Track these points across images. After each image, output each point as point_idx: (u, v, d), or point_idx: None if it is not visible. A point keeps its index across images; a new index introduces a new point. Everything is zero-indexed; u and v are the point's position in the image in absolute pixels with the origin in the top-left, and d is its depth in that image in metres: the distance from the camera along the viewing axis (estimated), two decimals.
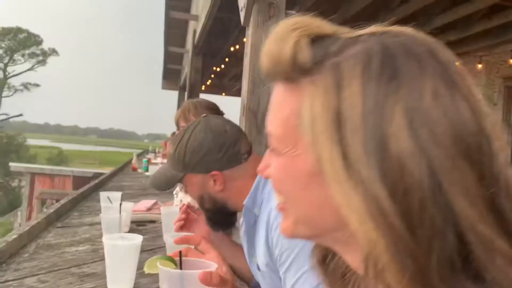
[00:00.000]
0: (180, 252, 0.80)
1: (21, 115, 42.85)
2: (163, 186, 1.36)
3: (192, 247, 0.98)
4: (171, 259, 0.80)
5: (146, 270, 0.83)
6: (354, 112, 0.41)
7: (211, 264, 0.81)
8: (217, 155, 1.24)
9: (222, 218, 1.32)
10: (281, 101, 0.50)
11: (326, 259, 0.56)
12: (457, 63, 0.45)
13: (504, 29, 5.69)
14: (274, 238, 1.08)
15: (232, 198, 1.26)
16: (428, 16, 5.61)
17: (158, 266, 0.78)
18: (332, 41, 0.47)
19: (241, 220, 1.33)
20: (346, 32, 0.49)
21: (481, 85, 7.05)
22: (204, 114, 1.35)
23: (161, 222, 1.76)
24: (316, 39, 0.48)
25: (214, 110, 2.08)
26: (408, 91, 0.41)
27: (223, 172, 1.23)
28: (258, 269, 1.19)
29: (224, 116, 2.13)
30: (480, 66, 6.91)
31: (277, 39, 0.48)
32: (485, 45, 6.50)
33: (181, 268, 0.79)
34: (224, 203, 1.26)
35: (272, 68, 0.50)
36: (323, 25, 0.51)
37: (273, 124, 0.51)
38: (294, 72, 0.47)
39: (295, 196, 0.49)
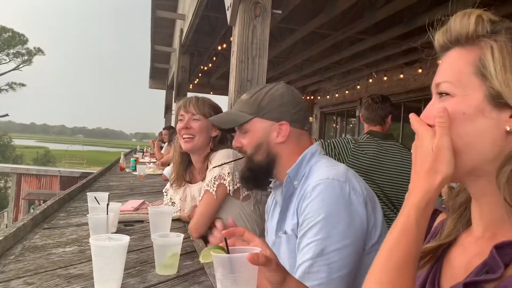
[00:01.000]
0: (226, 238, 0.90)
1: (7, 115, 42.20)
2: (227, 123, 1.42)
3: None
4: (221, 248, 0.90)
5: (202, 260, 0.94)
6: None
7: (256, 248, 0.90)
8: (292, 109, 1.33)
9: (261, 176, 1.37)
10: (453, 60, 0.69)
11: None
12: None
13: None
14: (303, 206, 1.19)
15: (283, 158, 1.33)
16: (412, 15, 5.66)
17: (211, 254, 0.87)
18: (499, 23, 0.67)
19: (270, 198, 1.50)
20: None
21: None
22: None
23: (148, 222, 1.76)
24: (489, 19, 0.67)
25: (215, 109, 2.09)
26: None
27: (291, 126, 1.32)
28: (285, 233, 1.28)
29: None
30: None
31: (460, 16, 0.69)
32: None
33: (228, 253, 0.89)
34: (274, 159, 1.33)
35: (454, 36, 0.69)
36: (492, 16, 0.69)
37: (446, 76, 0.68)
38: (475, 36, 0.66)
39: (461, 128, 0.65)
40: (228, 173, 1.89)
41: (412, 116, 0.72)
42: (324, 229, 1.12)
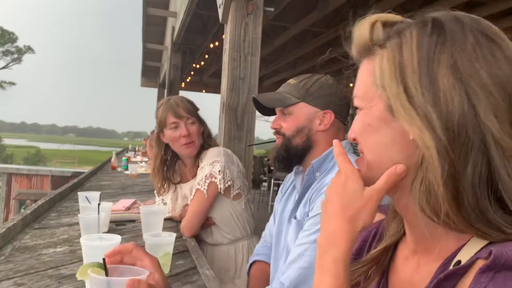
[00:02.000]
0: (104, 259, 0.79)
1: None
2: (272, 103, 1.42)
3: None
4: (102, 266, 0.79)
5: (78, 277, 0.82)
6: (412, 60, 0.58)
7: (142, 271, 0.80)
8: (338, 101, 1.37)
9: (294, 159, 1.39)
10: (361, 72, 0.67)
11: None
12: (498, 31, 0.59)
13: None
14: (314, 195, 1.26)
15: (319, 147, 1.35)
16: (405, 12, 5.68)
17: (89, 273, 0.77)
18: (400, 23, 0.64)
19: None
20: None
21: None
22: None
23: (140, 221, 1.75)
24: (387, 22, 0.65)
25: (194, 104, 2.06)
26: (452, 43, 0.56)
27: (335, 116, 1.35)
28: (295, 218, 1.33)
29: (200, 112, 2.12)
30: None
31: (358, 25, 0.66)
32: None
33: (107, 275, 0.78)
34: (311, 146, 1.36)
35: (357, 48, 0.66)
36: (394, 16, 0.66)
37: (356, 90, 0.67)
38: (373, 45, 0.63)
39: (369, 141, 0.64)
40: (219, 171, 1.88)
41: (336, 146, 0.70)
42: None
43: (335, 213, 0.65)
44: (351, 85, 0.71)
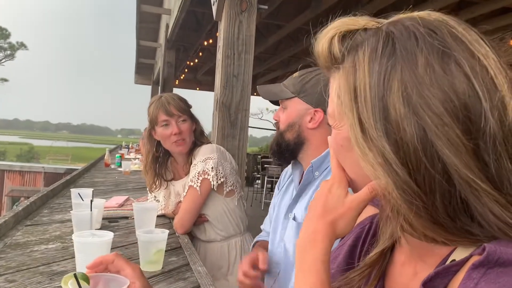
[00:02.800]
0: (75, 274, 0.80)
1: None
2: (269, 95, 1.42)
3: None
4: (85, 277, 0.80)
5: (63, 286, 0.82)
6: (364, 87, 0.53)
7: (124, 281, 0.81)
8: (325, 99, 1.32)
9: (286, 154, 1.38)
10: (331, 88, 0.63)
11: None
12: (464, 31, 0.53)
13: (471, 24, 5.84)
14: None
15: (311, 145, 1.34)
16: (398, 11, 5.70)
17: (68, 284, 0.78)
18: (358, 35, 0.58)
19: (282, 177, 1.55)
20: (373, 24, 0.59)
21: None
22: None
23: (133, 218, 1.75)
24: (346, 34, 0.59)
25: (186, 101, 2.06)
26: (403, 66, 0.51)
27: (325, 115, 1.30)
28: (294, 219, 1.32)
29: (194, 110, 2.12)
30: None
31: (318, 41, 0.62)
32: None
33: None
34: (302, 143, 1.35)
35: (322, 64, 0.63)
36: (355, 22, 0.60)
37: (329, 103, 0.64)
38: (331, 62, 0.60)
39: (345, 160, 0.64)
40: (212, 168, 1.88)
41: (332, 156, 0.68)
42: None
43: (317, 215, 0.65)
44: None
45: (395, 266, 0.69)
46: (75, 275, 0.79)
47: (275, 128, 1.44)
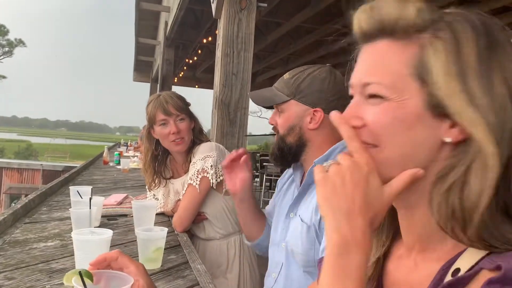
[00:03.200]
0: (80, 272, 0.79)
1: None
2: (264, 101, 1.38)
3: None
4: (88, 274, 0.80)
5: (65, 282, 0.82)
6: (473, 59, 0.54)
7: (129, 278, 0.81)
8: (330, 96, 1.29)
9: (289, 158, 1.35)
10: (385, 55, 0.59)
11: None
12: None
13: None
14: None
15: (314, 145, 1.31)
16: None
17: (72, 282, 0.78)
18: (443, 13, 0.58)
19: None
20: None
21: None
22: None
23: (132, 216, 1.75)
24: (426, 7, 0.58)
25: (184, 99, 2.05)
26: (502, 52, 0.55)
27: (325, 113, 1.28)
28: (301, 220, 1.27)
29: (193, 107, 2.11)
30: None
31: (397, 2, 0.58)
32: None
33: (85, 286, 0.78)
34: (305, 144, 1.32)
35: (380, 25, 0.59)
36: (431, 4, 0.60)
37: (378, 74, 0.59)
38: (413, 29, 0.57)
39: (397, 138, 0.57)
40: (211, 166, 1.88)
41: (342, 128, 0.62)
42: None
43: (355, 210, 0.56)
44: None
45: (392, 261, 0.69)
46: (80, 273, 0.79)
47: (274, 132, 1.41)
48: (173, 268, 1.39)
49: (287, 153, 1.34)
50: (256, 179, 10.74)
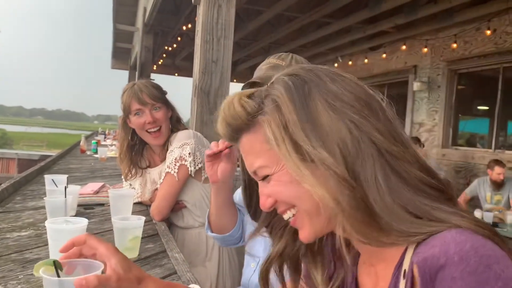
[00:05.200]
0: (54, 261, 0.78)
1: None
2: None
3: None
4: (58, 264, 0.78)
5: (35, 273, 0.79)
6: (291, 115, 0.63)
7: (98, 264, 0.80)
8: None
9: None
10: (250, 144, 0.70)
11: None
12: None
13: (448, 14, 5.91)
14: None
15: None
16: (377, 0, 5.71)
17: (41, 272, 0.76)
18: (263, 88, 0.70)
19: None
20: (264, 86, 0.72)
21: (426, 68, 7.32)
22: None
23: (109, 205, 1.72)
24: (250, 95, 0.70)
25: (159, 88, 2.01)
26: (316, 85, 0.65)
27: None
28: None
29: (172, 96, 2.08)
30: (425, 49, 7.16)
31: (225, 109, 0.71)
32: (431, 29, 6.73)
33: (58, 275, 0.77)
34: None
35: (234, 129, 0.71)
36: (248, 90, 0.72)
37: (254, 162, 0.70)
38: (250, 119, 0.68)
39: (298, 196, 0.66)
40: (189, 153, 1.86)
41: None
42: None
43: None
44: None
45: (365, 266, 0.75)
46: (54, 262, 0.77)
47: None
48: (151, 257, 1.38)
49: None
50: (238, 168, 10.75)
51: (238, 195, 1.54)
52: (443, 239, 0.55)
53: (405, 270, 0.59)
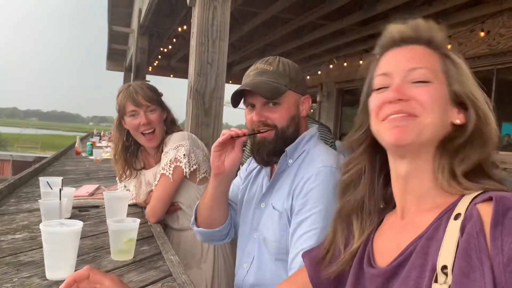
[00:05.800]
0: None
1: None
2: (269, 94, 1.26)
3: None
4: None
5: None
6: (471, 75, 0.82)
7: None
8: (305, 84, 1.37)
9: (281, 150, 1.30)
10: (423, 53, 0.80)
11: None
12: None
13: (443, 16, 5.94)
14: (304, 189, 1.20)
15: (300, 131, 1.33)
16: (373, 1, 5.74)
17: None
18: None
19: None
20: None
21: None
22: None
23: (104, 207, 1.71)
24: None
25: (155, 90, 2.01)
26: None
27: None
28: (274, 208, 1.28)
29: (168, 98, 2.08)
30: None
31: (431, 24, 0.82)
32: None
33: None
34: (298, 132, 1.32)
35: (424, 36, 0.81)
36: None
37: (422, 63, 0.79)
38: (438, 45, 0.82)
39: (436, 110, 0.76)
40: (184, 155, 1.86)
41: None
42: (325, 218, 1.14)
43: None
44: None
45: (381, 230, 0.85)
46: None
47: (263, 129, 1.30)
48: (146, 259, 1.37)
49: (286, 145, 1.29)
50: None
51: (231, 190, 1.49)
52: (505, 192, 0.66)
53: (458, 213, 0.67)
